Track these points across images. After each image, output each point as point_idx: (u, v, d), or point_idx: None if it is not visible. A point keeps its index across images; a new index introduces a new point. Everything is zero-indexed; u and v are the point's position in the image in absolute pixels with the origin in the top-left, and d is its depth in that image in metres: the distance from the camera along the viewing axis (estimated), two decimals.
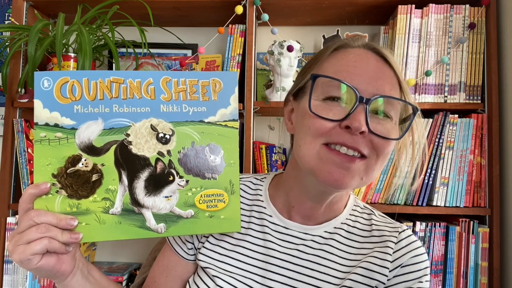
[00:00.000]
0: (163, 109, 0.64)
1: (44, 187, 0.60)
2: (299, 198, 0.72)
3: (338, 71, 0.64)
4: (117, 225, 0.62)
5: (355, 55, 0.66)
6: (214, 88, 0.66)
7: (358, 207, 0.77)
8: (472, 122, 1.33)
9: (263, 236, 0.73)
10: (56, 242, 0.58)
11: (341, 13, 1.52)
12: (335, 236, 0.72)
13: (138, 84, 0.64)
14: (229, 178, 0.66)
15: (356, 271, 0.68)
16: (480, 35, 1.35)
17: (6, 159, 1.42)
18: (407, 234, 0.72)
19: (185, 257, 0.77)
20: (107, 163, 0.63)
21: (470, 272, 1.29)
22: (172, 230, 0.64)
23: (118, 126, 0.63)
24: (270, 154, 1.44)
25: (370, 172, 0.64)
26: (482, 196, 1.32)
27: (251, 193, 0.78)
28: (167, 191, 0.64)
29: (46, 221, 0.58)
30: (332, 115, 0.62)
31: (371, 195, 1.35)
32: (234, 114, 0.66)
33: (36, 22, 1.28)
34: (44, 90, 0.62)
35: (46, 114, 0.61)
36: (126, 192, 0.63)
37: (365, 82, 0.63)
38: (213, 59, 1.55)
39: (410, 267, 0.69)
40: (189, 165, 0.65)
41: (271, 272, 0.70)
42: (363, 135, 0.61)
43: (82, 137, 0.62)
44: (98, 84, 0.63)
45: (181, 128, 0.65)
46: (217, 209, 0.65)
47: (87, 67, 1.20)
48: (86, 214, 0.62)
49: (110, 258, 1.66)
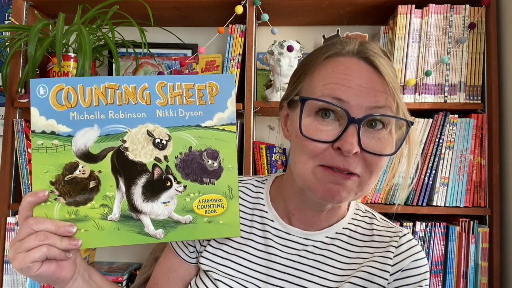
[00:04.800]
0: (159, 114, 0.63)
1: (42, 195, 0.60)
2: (299, 207, 0.72)
3: (328, 83, 0.63)
4: (116, 231, 0.62)
5: (346, 67, 0.64)
6: (211, 92, 0.65)
7: (360, 211, 0.77)
8: (472, 122, 1.33)
9: (265, 241, 0.73)
10: (55, 249, 0.58)
11: (341, 13, 1.51)
12: (336, 241, 0.72)
13: (134, 90, 0.63)
14: (227, 183, 0.65)
15: (356, 275, 0.68)
16: (480, 35, 1.35)
17: (6, 159, 1.42)
18: (408, 239, 0.72)
19: (187, 260, 0.77)
20: (104, 169, 0.63)
21: (470, 272, 1.29)
22: (170, 236, 0.64)
23: (114, 133, 0.63)
24: (270, 154, 1.44)
25: (365, 187, 0.64)
26: (482, 196, 1.32)
27: (252, 196, 0.78)
28: (165, 196, 0.64)
29: (45, 228, 0.58)
30: (324, 136, 0.61)
31: (371, 195, 1.35)
32: (231, 117, 0.65)
33: (36, 22, 1.27)
34: (40, 97, 0.61)
35: (42, 122, 0.62)
36: (124, 199, 0.63)
37: (357, 95, 0.61)
38: (213, 59, 1.55)
39: (411, 271, 0.69)
40: (187, 171, 0.64)
41: (272, 277, 0.70)
42: (355, 155, 0.60)
43: (78, 144, 0.62)
44: (93, 90, 0.62)
45: (177, 133, 0.64)
46: (215, 214, 0.65)
47: (87, 67, 1.20)
48: (84, 221, 0.62)
49: (110, 258, 1.67)
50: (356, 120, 0.60)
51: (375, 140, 0.62)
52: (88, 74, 1.20)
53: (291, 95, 0.69)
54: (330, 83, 0.63)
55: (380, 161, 0.62)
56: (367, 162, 0.61)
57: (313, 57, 0.69)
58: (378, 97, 0.62)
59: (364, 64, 0.64)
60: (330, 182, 0.62)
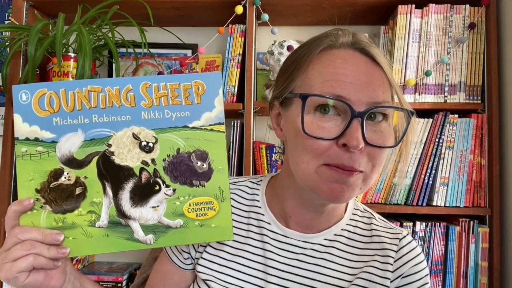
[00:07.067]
0: (144, 116, 0.62)
1: (27, 203, 0.59)
2: (297, 209, 0.70)
3: (327, 80, 0.60)
4: (105, 238, 0.61)
5: (343, 60, 0.61)
6: (197, 91, 0.63)
7: (358, 211, 0.75)
8: (472, 122, 1.33)
9: (262, 246, 0.70)
10: (42, 258, 0.57)
11: (341, 13, 1.51)
12: (336, 243, 0.70)
13: (117, 92, 0.61)
14: (218, 185, 0.63)
15: (357, 283, 0.67)
16: (480, 35, 1.35)
17: (6, 159, 1.42)
18: (407, 241, 0.71)
19: (182, 267, 0.75)
20: (90, 175, 0.61)
21: (470, 272, 1.29)
22: (161, 241, 0.62)
23: (99, 137, 0.61)
24: (270, 154, 1.44)
25: (368, 181, 0.62)
26: (482, 196, 1.32)
27: (248, 198, 0.75)
28: (154, 201, 0.62)
29: (31, 237, 0.57)
30: (327, 132, 0.59)
31: (371, 195, 1.35)
32: (219, 117, 0.63)
33: (36, 22, 1.27)
34: (22, 103, 0.60)
35: (26, 129, 0.60)
36: (112, 204, 0.61)
37: (357, 90, 0.59)
38: (213, 59, 1.55)
39: (412, 277, 0.68)
40: (176, 173, 0.62)
41: (271, 283, 0.68)
42: (360, 150, 0.59)
43: (63, 150, 0.61)
44: (76, 94, 0.61)
45: (164, 135, 0.62)
46: (207, 217, 0.63)
47: (87, 67, 1.20)
48: (72, 228, 0.60)
49: (110, 258, 1.67)
50: (359, 114, 0.58)
51: (377, 133, 0.61)
52: (88, 74, 1.20)
53: (284, 93, 0.65)
54: (329, 80, 0.60)
55: (383, 154, 0.61)
56: (370, 155, 0.60)
57: (306, 51, 0.65)
58: (377, 90, 0.60)
59: (360, 56, 0.62)
60: (334, 182, 0.60)
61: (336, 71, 0.61)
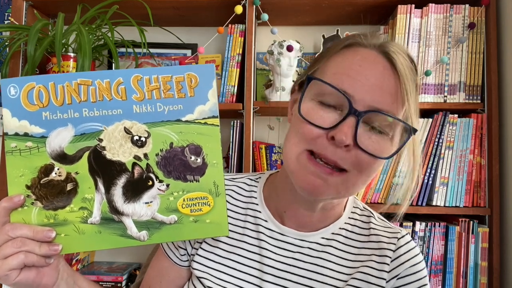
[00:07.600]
0: (136, 110, 0.60)
1: (17, 200, 0.58)
2: (292, 205, 0.69)
3: (338, 72, 0.61)
4: (97, 235, 0.60)
5: (362, 58, 0.61)
6: (190, 84, 0.61)
7: (358, 209, 0.75)
8: (472, 122, 1.33)
9: (258, 243, 0.70)
10: (33, 255, 0.56)
11: (341, 13, 1.51)
12: (333, 242, 0.69)
13: (108, 85, 0.60)
14: (213, 180, 0.61)
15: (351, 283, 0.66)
16: (480, 35, 1.35)
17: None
18: (405, 241, 0.70)
19: (178, 263, 0.74)
20: (81, 171, 0.60)
21: (470, 272, 1.29)
22: (155, 238, 0.60)
23: (90, 131, 0.60)
24: (270, 154, 1.44)
25: (350, 187, 0.61)
26: (481, 196, 1.32)
27: (245, 195, 0.75)
28: (147, 196, 0.61)
29: (22, 234, 0.56)
30: (322, 121, 0.59)
31: (371, 195, 1.35)
32: (213, 110, 0.61)
33: (35, 22, 1.27)
34: (11, 98, 0.59)
35: (15, 123, 0.59)
36: (104, 200, 0.60)
37: (363, 90, 0.58)
38: (213, 59, 1.55)
39: (409, 278, 0.67)
40: (169, 168, 0.61)
41: (266, 282, 0.67)
42: (347, 149, 0.58)
43: (53, 145, 0.59)
44: (65, 87, 0.59)
45: (157, 129, 0.60)
46: (201, 213, 0.61)
47: (87, 67, 1.20)
48: (64, 225, 0.59)
49: (110, 258, 1.66)
50: (356, 112, 0.57)
51: (373, 141, 0.59)
52: None
53: (303, 77, 0.67)
54: (341, 73, 0.60)
55: (372, 163, 0.60)
56: (358, 160, 0.59)
57: (335, 44, 0.66)
58: (385, 97, 0.59)
59: (382, 59, 0.61)
60: (311, 174, 0.59)
61: (351, 66, 0.61)
